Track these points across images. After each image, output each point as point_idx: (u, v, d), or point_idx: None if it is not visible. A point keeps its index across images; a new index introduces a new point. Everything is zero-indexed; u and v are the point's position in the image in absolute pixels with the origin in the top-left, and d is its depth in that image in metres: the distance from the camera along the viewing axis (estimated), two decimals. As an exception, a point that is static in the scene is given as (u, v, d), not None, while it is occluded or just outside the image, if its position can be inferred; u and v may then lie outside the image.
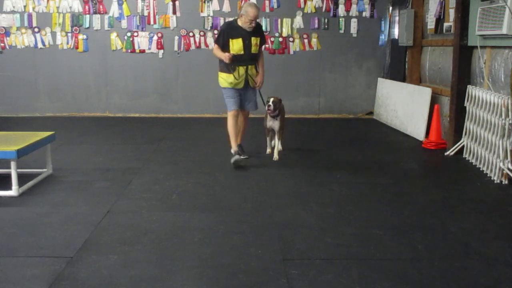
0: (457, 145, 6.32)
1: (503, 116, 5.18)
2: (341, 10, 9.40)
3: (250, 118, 6.30)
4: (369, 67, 9.63)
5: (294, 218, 4.12)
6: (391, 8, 9.31)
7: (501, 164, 5.17)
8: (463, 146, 6.19)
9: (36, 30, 9.22)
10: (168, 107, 9.62)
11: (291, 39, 9.47)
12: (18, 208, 4.32)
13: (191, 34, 9.37)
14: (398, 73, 9.05)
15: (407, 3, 8.59)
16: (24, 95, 9.43)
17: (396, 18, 9.03)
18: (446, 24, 7.23)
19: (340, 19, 9.42)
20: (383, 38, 9.53)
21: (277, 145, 6.11)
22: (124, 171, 5.51)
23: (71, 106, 9.54)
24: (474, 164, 5.84)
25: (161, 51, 9.41)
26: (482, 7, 5.70)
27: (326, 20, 9.43)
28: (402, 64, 9.00)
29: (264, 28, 9.06)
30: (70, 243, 3.56)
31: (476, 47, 6.10)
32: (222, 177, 5.35)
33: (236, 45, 5.65)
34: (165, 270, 3.16)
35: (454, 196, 4.76)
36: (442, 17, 7.39)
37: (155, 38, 9.34)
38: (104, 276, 3.08)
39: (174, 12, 9.31)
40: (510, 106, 5.12)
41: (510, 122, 5.14)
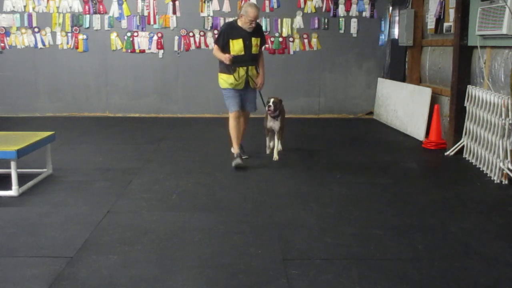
0: (457, 145, 6.32)
1: (503, 116, 5.18)
2: (341, 10, 9.40)
3: (250, 118, 6.29)
4: (369, 67, 9.63)
5: (294, 218, 4.12)
6: (391, 8, 9.31)
7: (501, 164, 5.18)
8: (463, 146, 6.20)
9: (36, 30, 9.22)
10: (168, 107, 9.62)
11: (291, 39, 9.47)
12: (18, 208, 4.33)
13: (191, 34, 9.37)
14: (398, 73, 9.05)
15: (407, 3, 8.59)
16: (24, 95, 9.44)
17: (396, 18, 9.03)
18: (446, 24, 7.23)
19: (340, 19, 9.42)
20: (383, 38, 9.53)
21: (277, 145, 6.10)
22: (124, 171, 5.51)
23: (71, 106, 9.55)
24: (474, 164, 5.84)
25: (161, 51, 9.41)
26: (482, 7, 5.70)
27: (326, 20, 9.43)
28: (402, 64, 9.00)
29: (264, 28, 9.07)
30: (70, 243, 3.56)
31: (476, 47, 6.10)
32: (222, 177, 5.35)
33: (236, 45, 5.63)
34: (165, 270, 3.16)
35: (454, 196, 4.76)
36: (442, 17, 7.39)
37: (155, 38, 9.35)
38: (104, 276, 3.08)
39: (174, 12, 9.31)
40: (510, 106, 5.12)
41: (510, 122, 5.14)
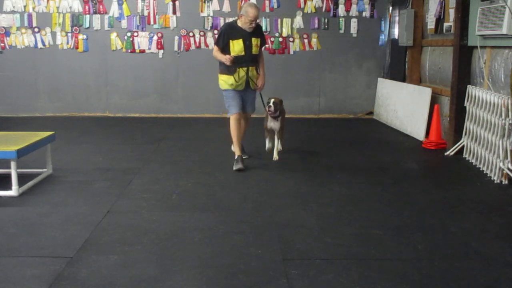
0: (457, 145, 6.32)
1: (503, 116, 5.18)
2: (341, 10, 9.40)
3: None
4: (369, 67, 9.63)
5: (294, 218, 4.12)
6: (391, 8, 9.31)
7: (501, 164, 5.18)
8: (463, 146, 6.19)
9: (36, 30, 9.22)
10: (168, 107, 9.62)
11: (291, 39, 9.46)
12: (18, 208, 4.32)
13: (191, 34, 9.37)
14: (398, 73, 9.05)
15: (407, 3, 8.59)
16: (24, 95, 9.43)
17: (396, 18, 9.03)
18: (446, 24, 7.23)
19: (340, 19, 9.42)
20: (383, 38, 9.53)
21: (277, 145, 6.10)
22: (124, 171, 5.51)
23: (71, 106, 9.55)
24: (474, 164, 5.84)
25: (161, 51, 9.41)
26: (482, 7, 5.70)
27: (326, 20, 9.43)
28: (402, 64, 9.00)
29: (264, 28, 9.07)
30: (70, 243, 3.56)
31: (476, 47, 6.10)
32: (222, 177, 5.35)
33: (237, 46, 5.60)
34: (165, 270, 3.16)
35: (454, 196, 4.76)
36: (442, 17, 7.39)
37: (155, 38, 9.34)
38: (104, 276, 3.08)
39: (174, 12, 9.31)
40: (510, 106, 5.12)
41: (510, 122, 5.14)
